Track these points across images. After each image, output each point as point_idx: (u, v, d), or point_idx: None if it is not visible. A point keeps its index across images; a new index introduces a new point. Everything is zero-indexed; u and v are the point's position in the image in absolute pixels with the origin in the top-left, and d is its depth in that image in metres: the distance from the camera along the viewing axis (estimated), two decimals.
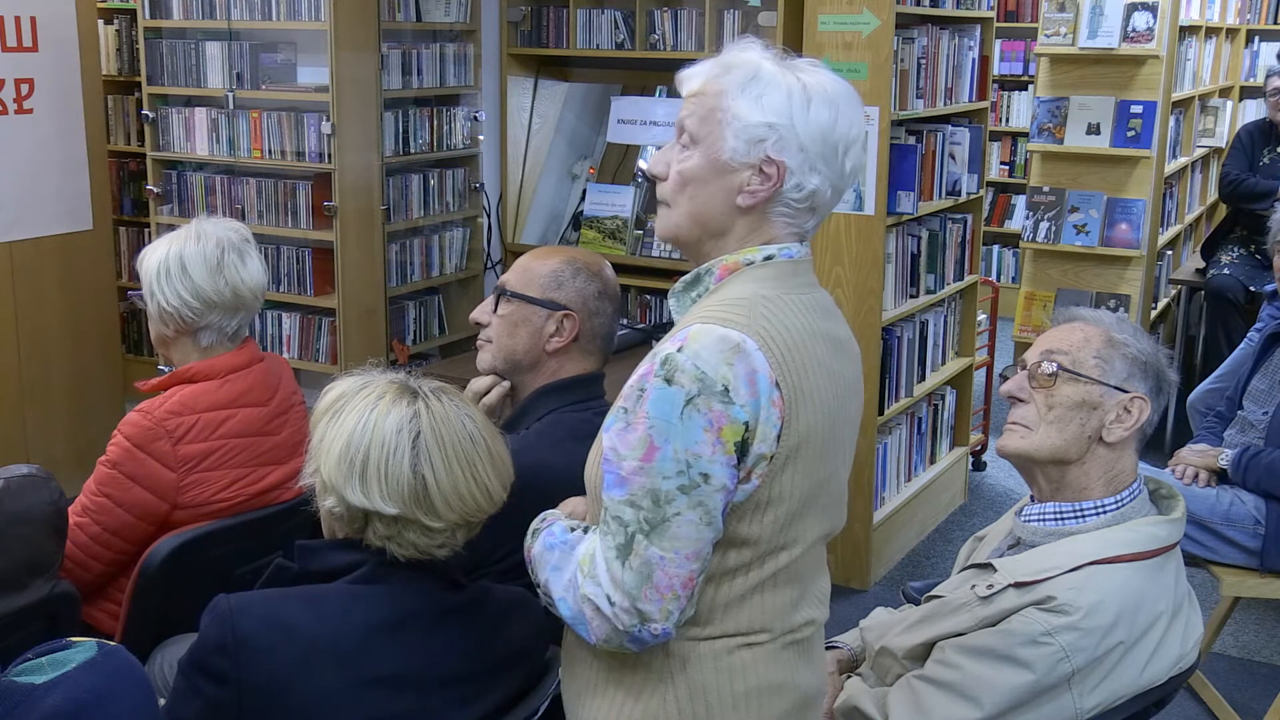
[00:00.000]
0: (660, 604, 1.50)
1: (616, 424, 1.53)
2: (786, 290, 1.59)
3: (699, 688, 1.60)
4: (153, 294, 2.47)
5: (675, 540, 1.49)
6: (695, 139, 1.60)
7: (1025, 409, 1.99)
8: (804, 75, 1.59)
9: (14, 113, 4.27)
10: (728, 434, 1.49)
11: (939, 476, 4.72)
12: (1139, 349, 1.97)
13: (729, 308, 1.55)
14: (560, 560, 1.60)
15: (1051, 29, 5.40)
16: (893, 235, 4.05)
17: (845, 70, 3.81)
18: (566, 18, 4.89)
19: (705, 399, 1.48)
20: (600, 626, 1.53)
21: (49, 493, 2.16)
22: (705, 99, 1.59)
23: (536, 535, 1.68)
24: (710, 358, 1.49)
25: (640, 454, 1.49)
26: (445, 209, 5.06)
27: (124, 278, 5.34)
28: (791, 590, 1.63)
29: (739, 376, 1.49)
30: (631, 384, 1.54)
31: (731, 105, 1.56)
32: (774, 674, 1.63)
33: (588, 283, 2.22)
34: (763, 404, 1.50)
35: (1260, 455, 3.16)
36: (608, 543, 1.52)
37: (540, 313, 2.20)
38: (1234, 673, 3.68)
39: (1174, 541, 1.96)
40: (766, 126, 1.55)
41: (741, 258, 1.60)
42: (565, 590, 1.58)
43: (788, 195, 1.59)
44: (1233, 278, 5.52)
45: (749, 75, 1.57)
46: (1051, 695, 1.84)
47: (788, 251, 1.61)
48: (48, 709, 1.36)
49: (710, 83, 1.59)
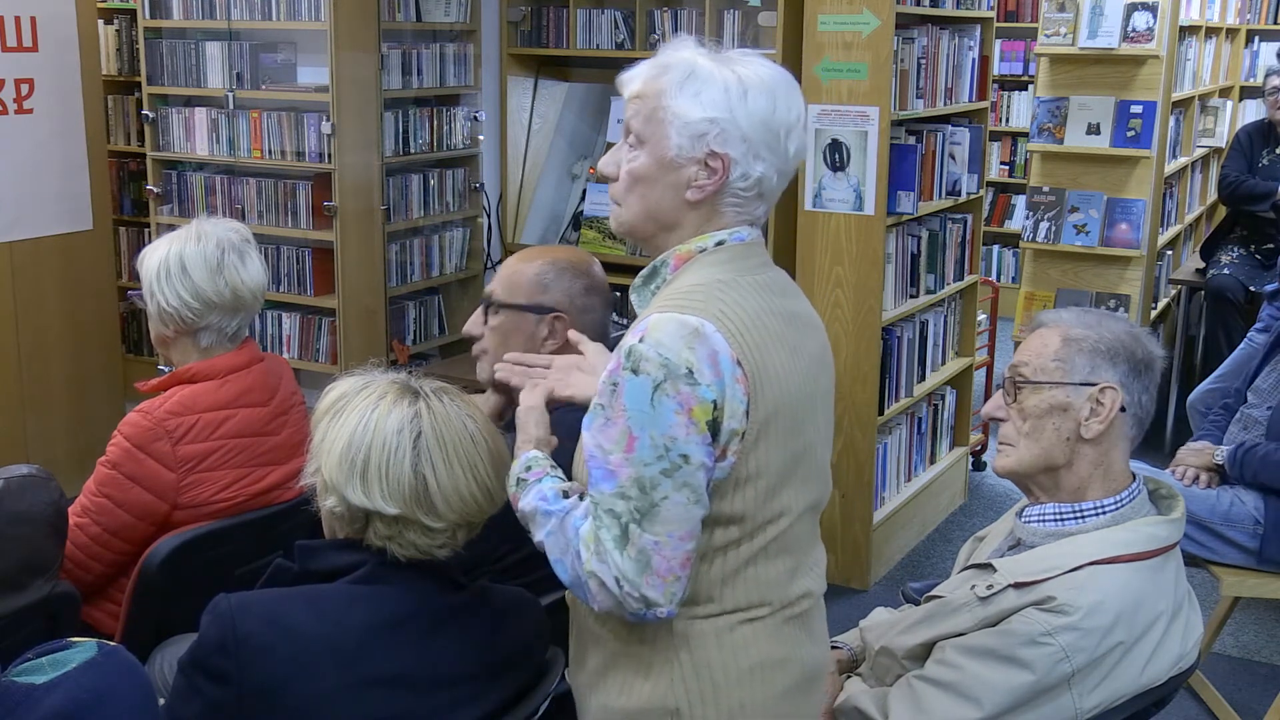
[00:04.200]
0: (663, 588, 1.55)
1: (596, 421, 1.58)
2: (740, 272, 1.65)
3: (704, 665, 1.64)
4: (153, 294, 2.47)
5: (667, 523, 1.54)
6: (641, 139, 1.65)
7: (1006, 427, 2.01)
8: (739, 67, 1.63)
9: (14, 113, 4.27)
10: (698, 413, 1.54)
11: (939, 476, 4.72)
12: (1099, 337, 1.96)
13: (685, 295, 1.60)
14: (556, 527, 1.61)
15: (1051, 29, 5.40)
16: (893, 235, 4.05)
17: (845, 70, 3.81)
18: (566, 18, 4.89)
19: (672, 383, 1.53)
20: (605, 599, 1.57)
21: (49, 493, 2.16)
22: (647, 100, 1.64)
23: (525, 486, 1.67)
24: (671, 343, 1.54)
25: (623, 446, 1.54)
26: (445, 209, 5.06)
27: (124, 278, 5.34)
28: (785, 561, 1.68)
29: (701, 359, 1.54)
30: (604, 380, 1.58)
31: (672, 104, 1.62)
32: (777, 648, 1.68)
33: (573, 281, 2.21)
34: (727, 382, 1.55)
35: (1255, 449, 3.17)
36: (605, 535, 1.55)
37: (530, 318, 2.18)
38: (1234, 673, 3.68)
39: (1174, 542, 1.97)
40: (708, 121, 1.61)
41: (694, 245, 1.66)
42: (563, 555, 1.60)
43: (735, 186, 1.64)
44: (1233, 278, 5.53)
45: (686, 73, 1.62)
46: (1051, 695, 1.84)
47: (738, 235, 1.67)
48: (48, 709, 1.36)
49: (649, 84, 1.65)
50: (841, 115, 3.84)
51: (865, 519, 4.12)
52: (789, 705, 1.70)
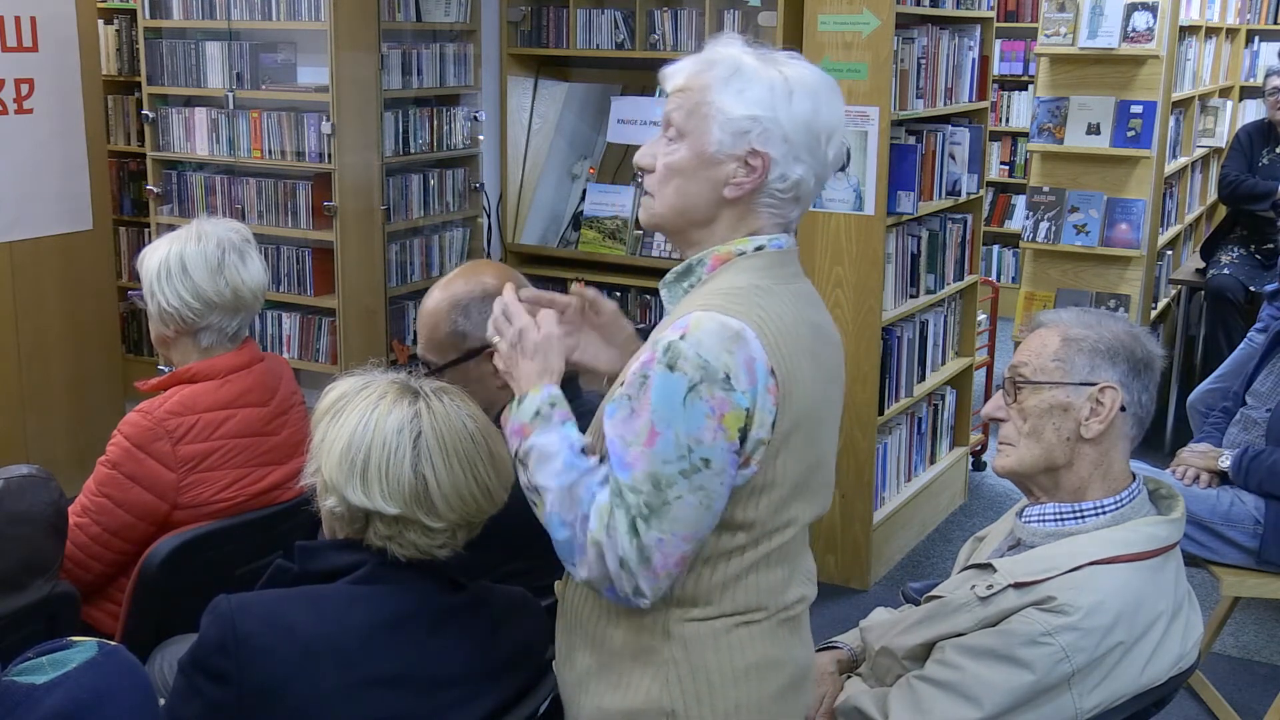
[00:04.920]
0: (654, 583, 1.55)
1: (620, 412, 1.56)
2: (777, 280, 1.64)
3: (700, 667, 1.64)
4: (153, 294, 2.47)
5: (675, 523, 1.53)
6: (682, 132, 1.64)
7: (1006, 427, 2.01)
8: (785, 68, 1.63)
9: (14, 113, 4.27)
10: (730, 421, 1.52)
11: (939, 476, 4.72)
12: (1099, 337, 1.96)
13: (727, 296, 1.58)
14: (571, 482, 1.56)
15: (1051, 29, 5.40)
16: (893, 235, 4.05)
17: (845, 70, 3.81)
18: (566, 18, 4.89)
19: (708, 386, 1.51)
20: (597, 570, 1.56)
21: (49, 493, 2.16)
22: (690, 94, 1.63)
23: (545, 421, 1.60)
24: (712, 345, 1.52)
25: (643, 440, 1.53)
26: (445, 209, 5.06)
27: (124, 278, 5.34)
28: (783, 569, 1.68)
29: (739, 364, 1.53)
30: (634, 371, 1.56)
31: (716, 99, 1.61)
32: (771, 650, 1.68)
33: (482, 308, 2.11)
34: (759, 390, 1.54)
35: (1261, 456, 3.16)
36: (620, 516, 1.53)
37: (470, 365, 2.10)
38: (1234, 673, 3.68)
39: (1174, 542, 1.97)
40: (751, 119, 1.60)
41: (734, 248, 1.65)
42: (566, 513, 1.56)
43: (773, 186, 1.63)
44: (1233, 278, 5.52)
45: (732, 70, 1.61)
46: (1051, 695, 1.84)
47: (777, 242, 1.66)
48: (48, 709, 1.36)
49: (694, 78, 1.63)
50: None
51: (865, 519, 4.11)
52: (782, 705, 1.70)
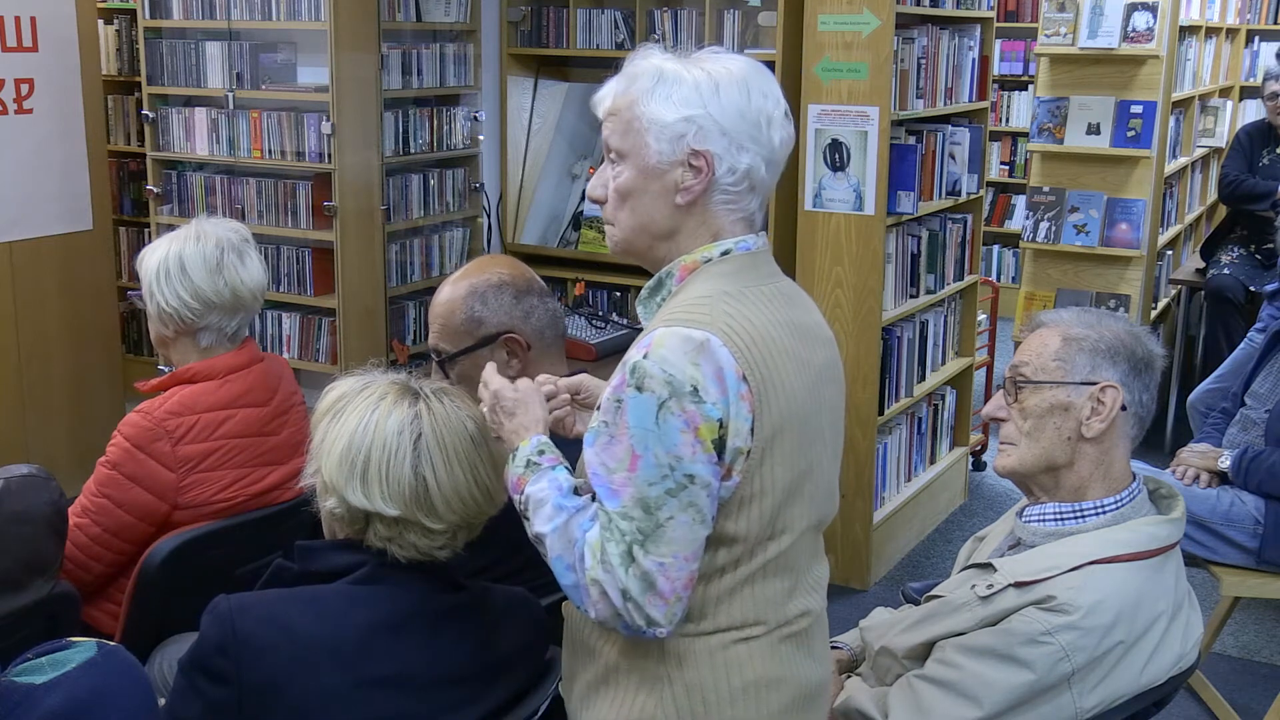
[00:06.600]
0: (665, 609, 1.52)
1: (599, 439, 1.55)
2: (747, 283, 1.62)
3: (695, 685, 1.61)
4: (152, 294, 2.47)
5: (672, 544, 1.51)
6: (622, 154, 1.64)
7: (1007, 427, 2.01)
8: (707, 65, 1.63)
9: (14, 113, 4.27)
10: (704, 432, 1.51)
11: (939, 476, 4.72)
12: (1099, 336, 1.96)
13: (690, 307, 1.57)
14: (564, 525, 1.57)
15: (1051, 29, 5.40)
16: (893, 235, 4.05)
17: (845, 70, 3.81)
18: (566, 18, 4.89)
19: (677, 401, 1.50)
20: (605, 609, 1.54)
21: (49, 493, 2.16)
22: (621, 114, 1.64)
23: (537, 471, 1.62)
24: (676, 360, 1.51)
25: (626, 465, 1.52)
26: (445, 209, 5.06)
27: (124, 278, 5.34)
28: (783, 580, 1.64)
29: (706, 375, 1.51)
30: (607, 396, 1.55)
31: (645, 111, 1.61)
32: (771, 668, 1.64)
33: (499, 296, 2.15)
34: (731, 399, 1.52)
35: (1260, 457, 3.16)
36: (612, 549, 1.52)
37: (485, 353, 2.12)
38: (1234, 673, 3.68)
39: (1174, 541, 1.97)
40: (684, 121, 1.59)
41: (699, 255, 1.64)
42: (565, 554, 1.56)
43: (723, 182, 1.62)
44: (1233, 278, 5.52)
45: (654, 79, 1.62)
46: (1051, 695, 1.84)
47: (744, 245, 1.65)
48: (48, 709, 1.36)
49: (620, 98, 1.64)
50: (841, 115, 3.84)
51: (865, 519, 4.12)
52: None
